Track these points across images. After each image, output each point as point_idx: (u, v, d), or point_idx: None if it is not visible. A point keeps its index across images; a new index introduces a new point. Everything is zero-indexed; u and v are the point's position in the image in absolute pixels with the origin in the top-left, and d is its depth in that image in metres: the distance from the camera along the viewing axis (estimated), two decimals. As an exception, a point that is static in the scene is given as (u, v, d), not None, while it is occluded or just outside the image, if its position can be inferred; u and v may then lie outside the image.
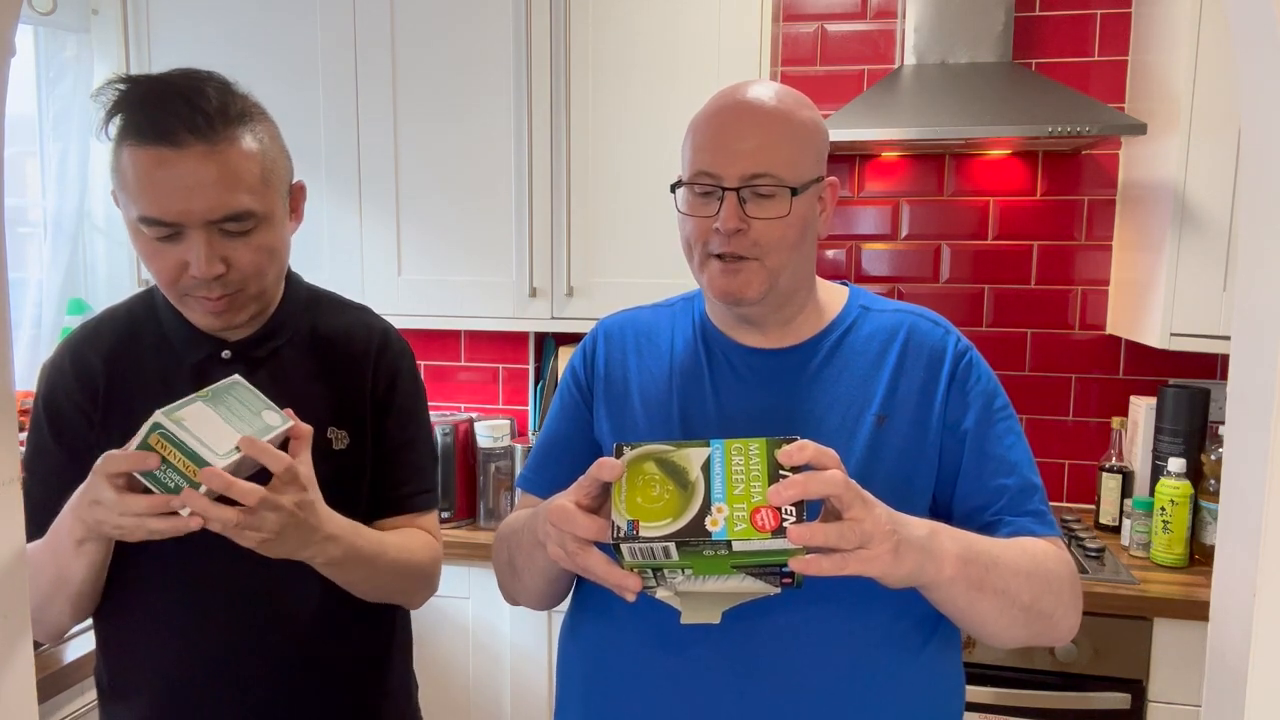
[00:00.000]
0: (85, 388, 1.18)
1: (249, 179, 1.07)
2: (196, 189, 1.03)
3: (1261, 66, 0.74)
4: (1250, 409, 0.76)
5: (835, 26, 2.48)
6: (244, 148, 1.07)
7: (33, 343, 2.46)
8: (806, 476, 0.84)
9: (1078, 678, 1.94)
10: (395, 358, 1.27)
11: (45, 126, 2.48)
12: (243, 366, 1.17)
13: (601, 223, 2.28)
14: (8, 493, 0.84)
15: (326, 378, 1.22)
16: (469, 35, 2.28)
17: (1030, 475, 1.10)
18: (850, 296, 1.18)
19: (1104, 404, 2.43)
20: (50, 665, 1.57)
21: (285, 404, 1.13)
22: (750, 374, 1.12)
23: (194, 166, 1.03)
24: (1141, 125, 1.99)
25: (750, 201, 1.03)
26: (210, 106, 1.04)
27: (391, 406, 1.25)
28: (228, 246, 1.08)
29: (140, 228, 1.06)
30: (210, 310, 1.11)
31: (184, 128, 1.02)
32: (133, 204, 1.06)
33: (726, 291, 1.07)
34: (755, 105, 1.05)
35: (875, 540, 0.85)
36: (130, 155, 1.04)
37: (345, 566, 1.12)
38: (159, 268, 1.09)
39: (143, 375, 1.18)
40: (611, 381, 1.19)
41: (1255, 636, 0.73)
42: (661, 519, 0.86)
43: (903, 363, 1.10)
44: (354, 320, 1.28)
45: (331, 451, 1.19)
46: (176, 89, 1.04)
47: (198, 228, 1.05)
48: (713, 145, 1.05)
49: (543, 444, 1.24)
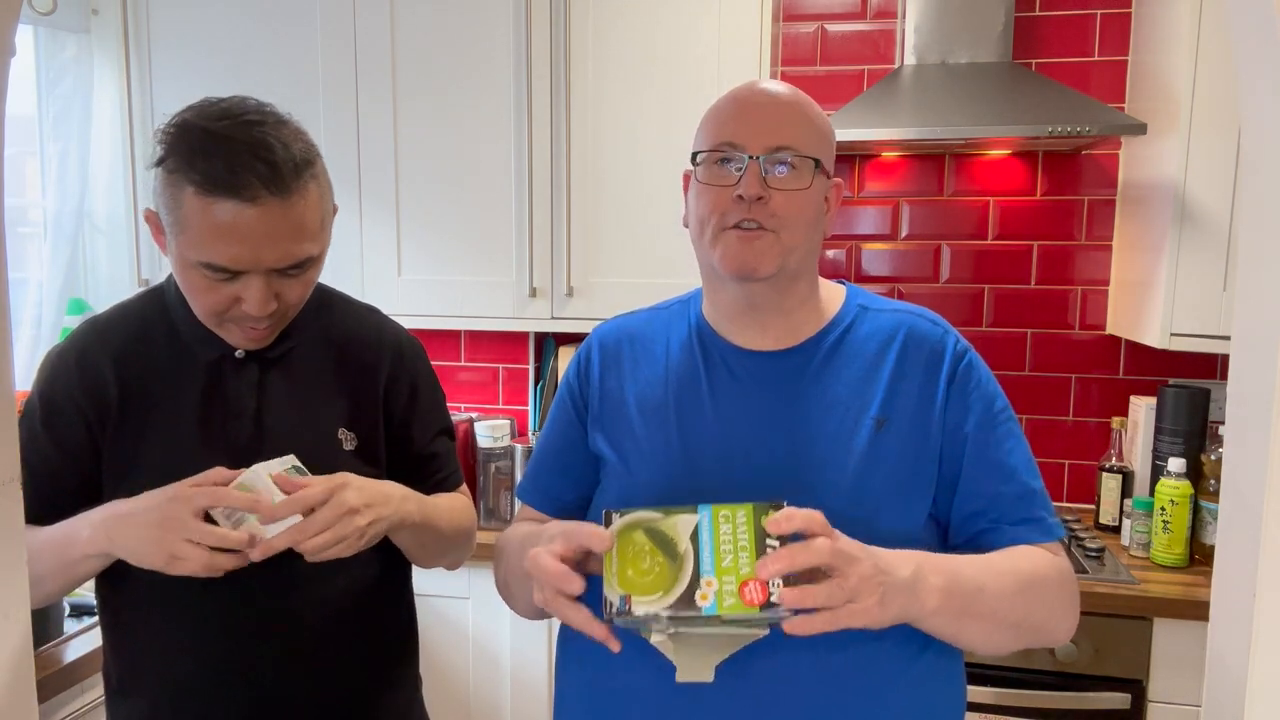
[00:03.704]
0: (89, 390, 1.17)
1: (313, 227, 1.10)
2: (266, 243, 1.05)
3: (1261, 66, 0.74)
4: (1250, 409, 0.76)
5: (835, 26, 2.48)
6: (311, 199, 1.09)
7: (33, 343, 2.46)
8: (793, 550, 0.86)
9: (1078, 678, 1.94)
10: (412, 362, 1.31)
11: (45, 126, 2.47)
12: (255, 365, 1.19)
13: (601, 223, 2.28)
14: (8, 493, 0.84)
15: (338, 380, 1.24)
16: (469, 35, 2.28)
17: (1029, 480, 1.08)
18: (849, 296, 1.17)
19: (1104, 404, 2.43)
20: (50, 665, 1.57)
21: (298, 403, 1.18)
22: (748, 378, 1.11)
23: (267, 222, 1.04)
24: (1141, 125, 1.99)
25: (771, 174, 1.04)
26: (280, 159, 1.04)
27: (417, 410, 1.29)
28: (281, 285, 1.11)
29: (200, 269, 1.07)
30: (254, 336, 1.15)
31: (259, 183, 1.03)
32: (193, 248, 1.06)
33: (742, 263, 1.05)
34: (776, 92, 1.08)
35: (863, 594, 0.87)
36: (198, 203, 1.04)
37: (420, 528, 1.21)
38: (210, 301, 1.10)
39: (155, 374, 1.19)
40: (607, 392, 1.17)
41: (1255, 636, 0.73)
42: (653, 592, 0.88)
43: (901, 364, 1.09)
44: (366, 324, 1.30)
45: (341, 452, 1.21)
46: (247, 139, 1.04)
47: (259, 274, 1.08)
48: (737, 118, 1.06)
49: (539, 455, 1.24)
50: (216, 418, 1.18)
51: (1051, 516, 1.09)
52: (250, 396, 1.19)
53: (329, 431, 1.21)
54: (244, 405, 1.18)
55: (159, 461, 1.15)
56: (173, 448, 1.16)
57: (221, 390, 1.18)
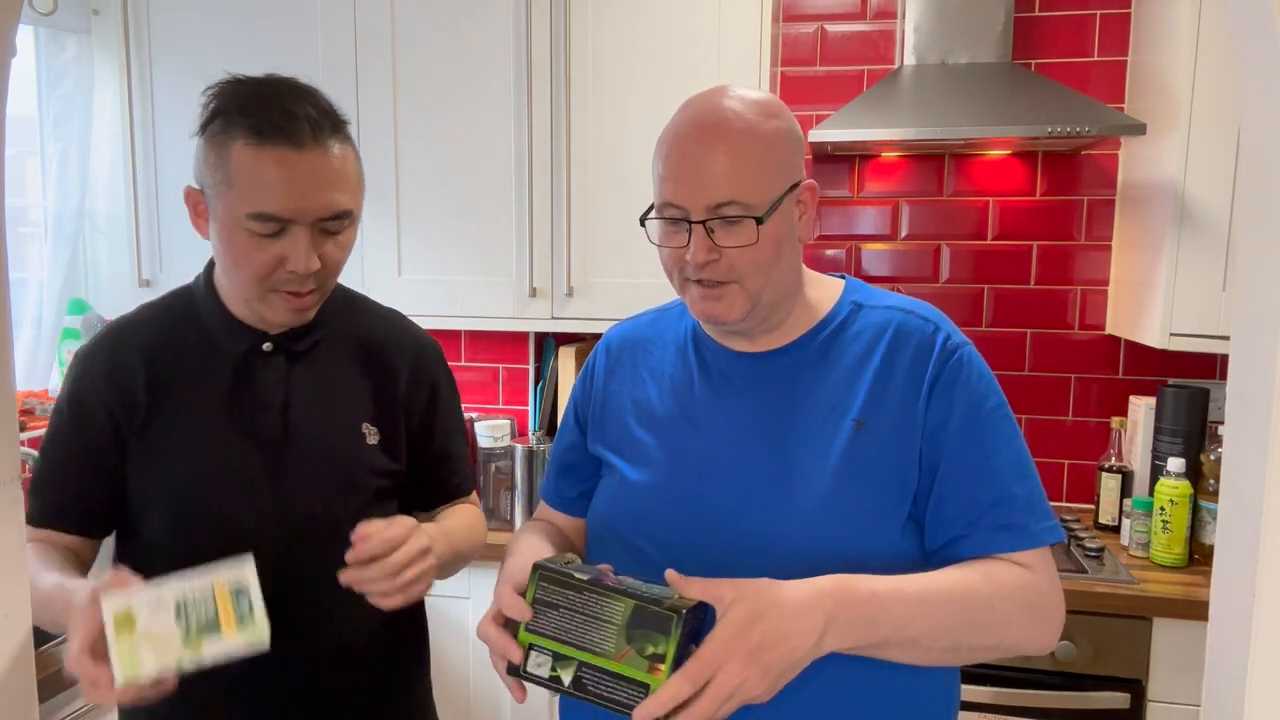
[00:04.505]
0: (118, 388, 1.19)
1: (351, 179, 1.15)
2: (312, 190, 1.10)
3: (1261, 66, 0.74)
4: (1250, 409, 0.76)
5: (835, 27, 2.48)
6: (350, 155, 1.15)
7: (33, 343, 2.46)
8: None
9: (1077, 677, 1.94)
10: (433, 364, 1.34)
11: (45, 126, 2.48)
12: (282, 358, 1.22)
13: (601, 223, 2.28)
14: (7, 493, 0.84)
15: (362, 378, 1.27)
16: (469, 35, 2.28)
17: (1011, 484, 1.03)
18: (844, 292, 1.14)
19: (1104, 404, 2.44)
20: (50, 665, 1.57)
21: (323, 397, 1.23)
22: (738, 379, 1.11)
23: (312, 166, 1.09)
24: (1141, 125, 2.00)
25: (719, 230, 1.01)
26: (323, 110, 1.12)
27: (436, 412, 1.33)
28: (322, 244, 1.14)
29: (247, 224, 1.10)
30: (296, 306, 1.17)
31: (307, 130, 1.09)
32: (242, 200, 1.09)
33: (710, 315, 1.06)
34: (718, 124, 1.02)
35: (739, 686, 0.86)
36: (248, 153, 1.08)
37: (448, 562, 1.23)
38: (256, 262, 1.12)
39: (183, 369, 1.21)
40: (609, 396, 1.20)
41: (1255, 636, 0.74)
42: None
43: (886, 364, 1.06)
44: (389, 326, 1.34)
45: (366, 446, 1.24)
46: (292, 93, 1.11)
47: (304, 225, 1.11)
48: (676, 174, 1.03)
49: (554, 456, 1.28)
50: (244, 410, 1.20)
51: (1037, 521, 1.03)
52: (278, 389, 1.21)
53: (353, 425, 1.24)
54: (271, 397, 1.20)
55: (189, 451, 1.18)
56: (201, 439, 1.19)
57: (249, 383, 1.21)
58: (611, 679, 0.90)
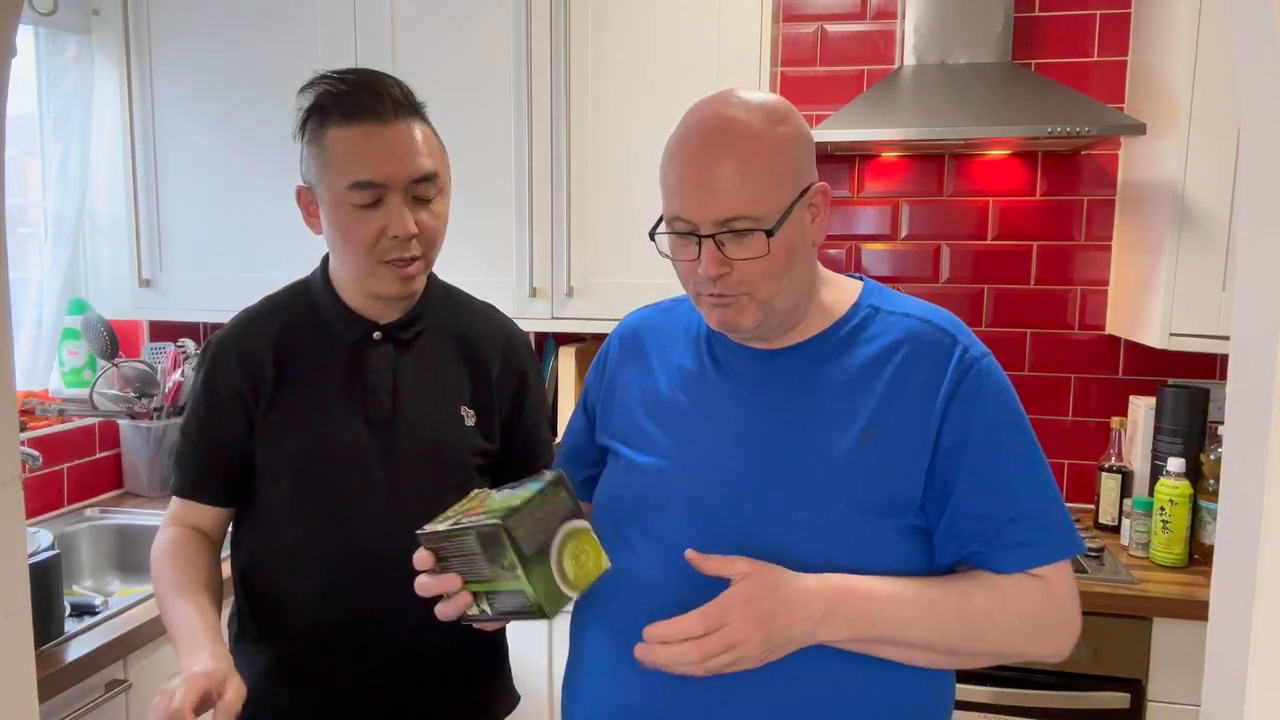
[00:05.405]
0: (249, 374, 1.33)
1: (433, 147, 1.30)
2: (399, 154, 1.24)
3: (1261, 66, 0.74)
4: (1250, 409, 0.76)
5: (835, 27, 2.48)
6: (429, 130, 1.31)
7: (33, 343, 2.45)
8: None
9: (1077, 677, 1.94)
10: (521, 355, 1.44)
11: (45, 126, 2.47)
12: (390, 346, 1.34)
13: (601, 223, 2.28)
14: (8, 493, 0.85)
15: (460, 365, 1.38)
16: (469, 35, 2.28)
17: (1027, 502, 1.03)
18: (862, 294, 1.13)
19: (1103, 404, 2.44)
20: (50, 665, 1.57)
21: (426, 380, 1.35)
22: (749, 376, 1.11)
23: (396, 136, 1.24)
24: (1141, 125, 2.00)
25: (729, 243, 1.00)
26: (402, 93, 1.27)
27: (526, 399, 1.43)
28: (417, 211, 1.26)
29: (349, 195, 1.23)
30: (403, 274, 1.28)
31: (389, 107, 1.24)
32: (341, 175, 1.23)
33: (724, 324, 1.07)
34: (724, 134, 1.00)
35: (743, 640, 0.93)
36: (340, 134, 1.23)
37: None
38: (362, 234, 1.24)
39: (305, 355, 1.34)
40: (621, 385, 1.21)
41: (1255, 636, 0.74)
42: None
43: (900, 375, 1.05)
44: (484, 318, 1.46)
45: (465, 426, 1.36)
46: (373, 80, 1.26)
47: (398, 190, 1.24)
48: (684, 189, 1.01)
49: (565, 440, 1.33)
50: (357, 392, 1.33)
51: (1053, 537, 1.03)
52: (387, 373, 1.33)
53: (453, 407, 1.36)
54: (381, 380, 1.33)
55: (309, 426, 1.31)
56: (319, 417, 1.32)
57: (361, 367, 1.33)
58: (505, 596, 1.00)
